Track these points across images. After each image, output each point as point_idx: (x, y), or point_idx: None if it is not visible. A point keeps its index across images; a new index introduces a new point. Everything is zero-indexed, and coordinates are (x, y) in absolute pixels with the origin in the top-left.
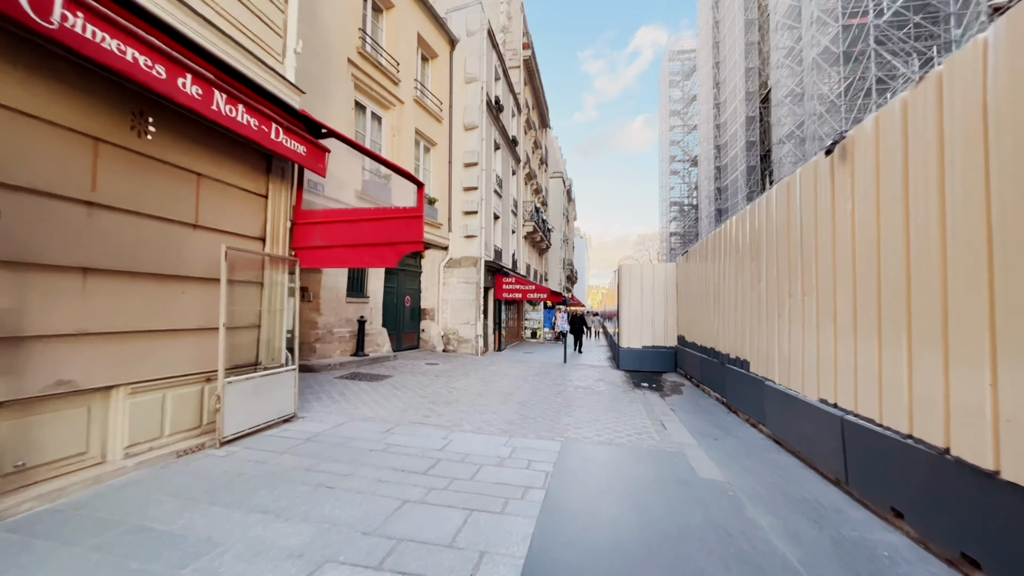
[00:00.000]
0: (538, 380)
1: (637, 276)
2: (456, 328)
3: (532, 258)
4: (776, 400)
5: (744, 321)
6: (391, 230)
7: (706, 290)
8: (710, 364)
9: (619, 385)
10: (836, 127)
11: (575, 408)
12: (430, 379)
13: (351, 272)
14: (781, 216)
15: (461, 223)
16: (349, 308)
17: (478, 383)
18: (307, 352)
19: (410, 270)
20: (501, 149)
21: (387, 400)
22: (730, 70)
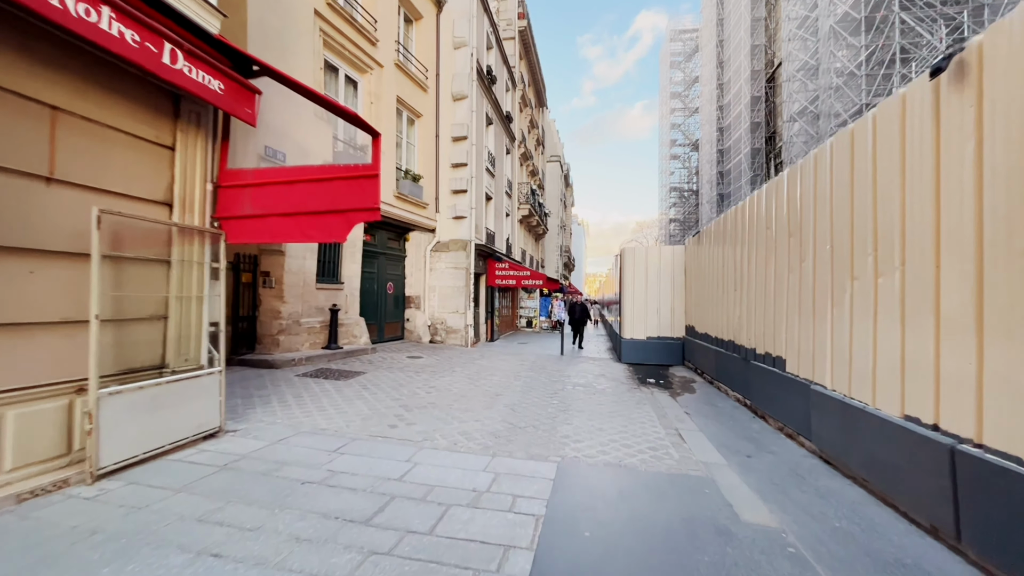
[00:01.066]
0: (532, 376)
1: (642, 260)
2: (444, 317)
3: (528, 244)
4: (829, 410)
5: (777, 311)
6: (340, 194)
7: (723, 275)
8: (728, 359)
9: (623, 382)
10: (856, 100)
11: (574, 413)
12: (408, 376)
13: (322, 254)
14: (841, 176)
15: (449, 203)
16: (320, 295)
17: (463, 381)
18: (269, 345)
19: (393, 254)
20: (494, 124)
21: (351, 404)
22: (735, 48)
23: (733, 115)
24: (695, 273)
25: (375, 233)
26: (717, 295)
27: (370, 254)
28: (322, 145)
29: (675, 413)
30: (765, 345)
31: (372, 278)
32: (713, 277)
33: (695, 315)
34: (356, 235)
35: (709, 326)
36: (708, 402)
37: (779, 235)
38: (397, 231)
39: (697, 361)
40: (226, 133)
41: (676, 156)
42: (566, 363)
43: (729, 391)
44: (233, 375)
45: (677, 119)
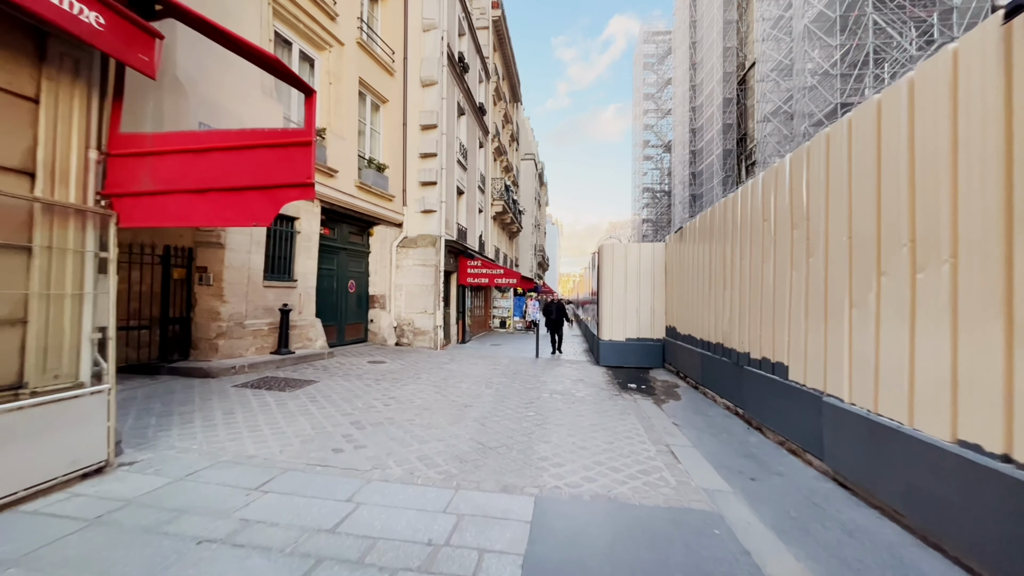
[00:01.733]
0: (505, 383)
1: (621, 258)
2: (411, 318)
3: (501, 241)
4: (847, 427)
5: (778, 312)
6: (265, 165)
7: (710, 273)
8: (717, 363)
9: (602, 387)
10: (830, 99)
11: (552, 427)
12: (366, 385)
13: (272, 248)
14: (864, 156)
15: (417, 195)
16: (268, 294)
17: (429, 389)
18: (206, 351)
19: (355, 250)
20: (466, 115)
21: (292, 421)
22: (707, 50)
23: (706, 117)
24: (677, 271)
25: (335, 226)
26: (702, 294)
27: (329, 249)
28: (269, 124)
29: (663, 424)
30: (762, 349)
31: (331, 275)
32: (697, 275)
33: (677, 315)
34: (312, 228)
35: (693, 327)
36: (696, 410)
37: (780, 228)
38: (360, 225)
39: (680, 364)
40: (119, 88)
41: (649, 157)
42: (542, 367)
43: (718, 397)
44: (156, 387)
45: (650, 120)
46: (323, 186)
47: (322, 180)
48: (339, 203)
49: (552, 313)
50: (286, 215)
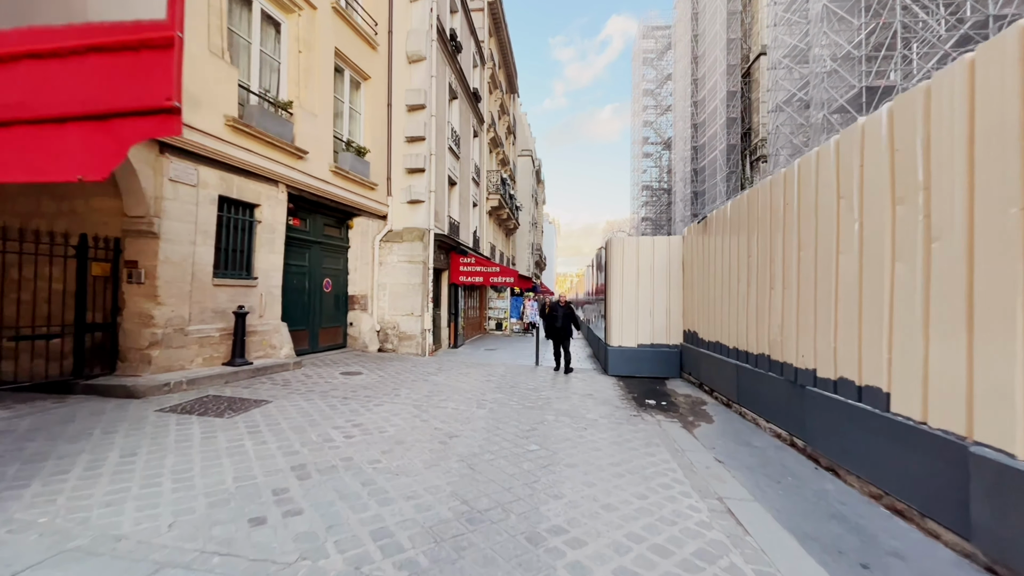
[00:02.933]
0: (501, 400)
1: (632, 253)
2: (396, 321)
3: (498, 238)
4: None
5: (869, 319)
6: (95, 78)
7: (747, 269)
8: (760, 379)
9: (616, 404)
10: (853, 83)
11: (562, 469)
12: (330, 406)
13: (224, 239)
14: None
15: (403, 184)
16: (220, 294)
17: (407, 411)
18: (137, 363)
19: (331, 244)
20: (459, 100)
21: (210, 468)
22: (710, 43)
23: (708, 111)
24: (699, 267)
25: (306, 217)
26: (736, 295)
27: (299, 242)
28: (223, 95)
29: (703, 461)
30: (839, 367)
31: (302, 273)
32: (729, 272)
33: (698, 318)
34: (276, 217)
35: (723, 333)
36: (738, 438)
37: (872, 206)
38: (336, 216)
39: (704, 375)
40: None
41: (648, 154)
42: (543, 378)
43: (761, 421)
44: (53, 414)
45: (649, 116)
46: (289, 168)
47: (288, 161)
48: (310, 189)
49: (557, 319)
50: (242, 201)
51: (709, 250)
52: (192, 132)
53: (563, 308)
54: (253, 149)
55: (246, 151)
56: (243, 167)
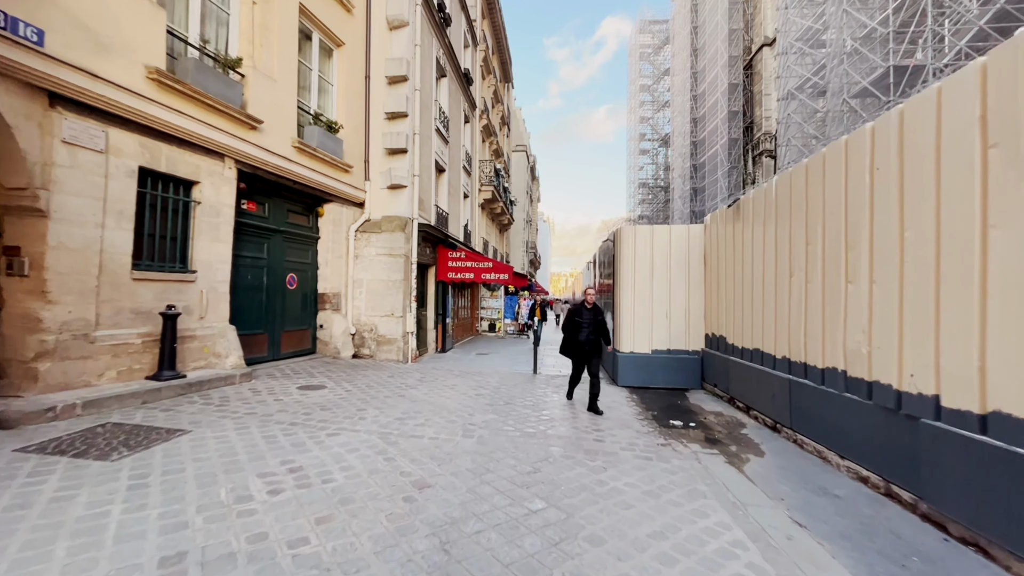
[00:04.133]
0: (493, 423)
1: (645, 244)
2: (374, 323)
3: (491, 234)
4: None
5: None
6: None
7: (806, 257)
8: (831, 401)
9: (636, 427)
10: (879, 63)
11: (582, 549)
12: (269, 436)
13: (150, 222)
14: None
15: (383, 167)
16: (143, 291)
17: (369, 445)
18: (21, 380)
19: (297, 233)
20: (448, 79)
21: (18, 570)
22: (710, 34)
23: (708, 104)
24: (725, 260)
25: (266, 201)
26: (784, 290)
27: (254, 231)
28: (143, 37)
29: (776, 524)
30: (992, 397)
31: (259, 266)
32: (772, 264)
33: (726, 320)
34: (222, 198)
35: (763, 337)
36: (808, 482)
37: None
38: (303, 201)
39: (733, 387)
40: None
41: (645, 151)
42: (543, 391)
43: (829, 453)
44: None
45: (646, 112)
46: (239, 140)
47: (237, 131)
48: (267, 167)
49: (582, 327)
50: (175, 176)
51: (742, 239)
52: (96, 82)
53: (590, 311)
54: (188, 112)
55: (177, 113)
56: (174, 133)
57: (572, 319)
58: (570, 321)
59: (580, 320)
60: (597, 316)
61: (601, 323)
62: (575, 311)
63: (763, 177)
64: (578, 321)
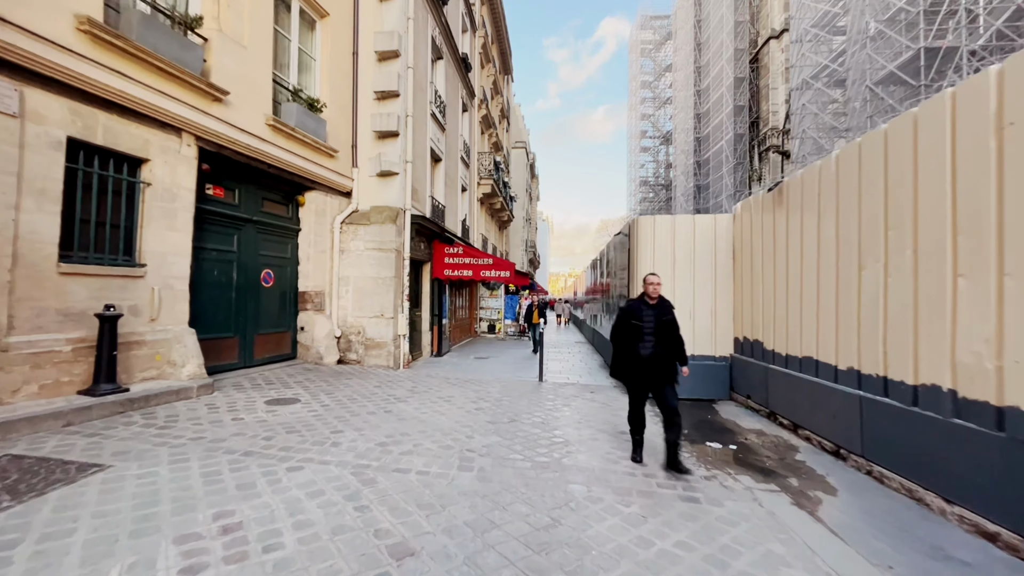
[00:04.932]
0: (496, 450)
1: (666, 236)
2: (361, 325)
3: (490, 230)
4: None
5: None
6: None
7: (885, 247)
8: (935, 429)
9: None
10: (909, 45)
11: None
12: (210, 473)
13: (78, 206)
14: None
15: (372, 152)
16: (74, 288)
17: (337, 485)
18: None
19: (273, 224)
20: (445, 62)
21: None
22: (715, 27)
23: (713, 99)
24: (762, 254)
25: (236, 187)
26: (850, 287)
27: (222, 220)
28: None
29: None
30: None
31: (228, 260)
32: (831, 255)
33: (763, 321)
34: (179, 180)
35: (818, 344)
36: (910, 537)
37: None
38: (281, 188)
39: (774, 399)
40: None
41: (646, 149)
42: (551, 403)
43: (924, 493)
44: None
45: (647, 109)
46: (200, 112)
47: (198, 102)
48: (236, 147)
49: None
50: (116, 151)
51: (785, 228)
52: (4, 28)
53: (653, 308)
54: (132, 75)
55: (118, 75)
56: (115, 99)
57: (626, 322)
58: (623, 325)
59: (639, 323)
60: (664, 315)
61: (672, 327)
62: (630, 310)
63: (770, 173)
64: (636, 325)
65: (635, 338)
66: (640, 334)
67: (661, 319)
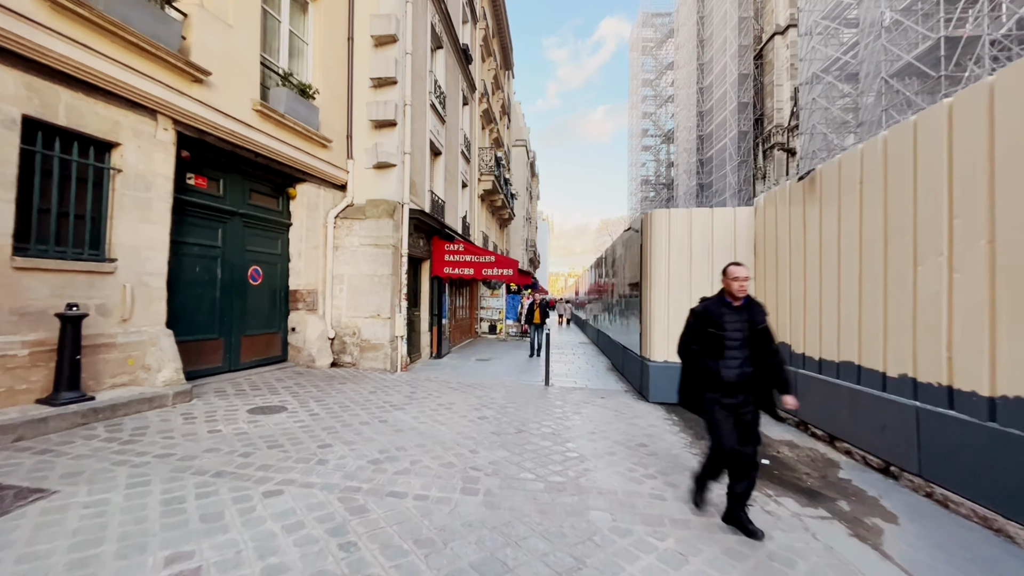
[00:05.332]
0: (503, 468)
1: (681, 231)
2: (356, 325)
3: (491, 228)
4: None
5: None
6: None
7: (958, 236)
8: (1017, 448)
9: (695, 468)
10: (928, 35)
11: None
12: (169, 500)
13: (35, 194)
14: None
15: (368, 143)
16: (32, 285)
17: (323, 514)
18: None
19: (263, 218)
20: (445, 51)
21: None
22: (719, 23)
23: (716, 97)
24: (791, 249)
25: (220, 176)
26: (901, 284)
27: (205, 212)
28: None
29: None
30: None
31: (211, 256)
32: (877, 249)
33: (788, 322)
34: (157, 168)
35: (856, 347)
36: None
37: None
38: (270, 179)
39: (804, 407)
40: None
41: (647, 147)
42: (560, 409)
43: (1014, 527)
44: None
45: (648, 108)
46: (178, 93)
47: (176, 82)
48: (220, 133)
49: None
50: (81, 133)
51: (819, 220)
52: None
53: (739, 312)
54: (97, 47)
55: (81, 47)
56: (78, 74)
57: (701, 330)
58: (697, 334)
59: (720, 332)
60: (757, 322)
61: (766, 337)
62: (706, 314)
63: (774, 171)
64: (716, 335)
65: (714, 352)
66: (721, 347)
67: (754, 327)
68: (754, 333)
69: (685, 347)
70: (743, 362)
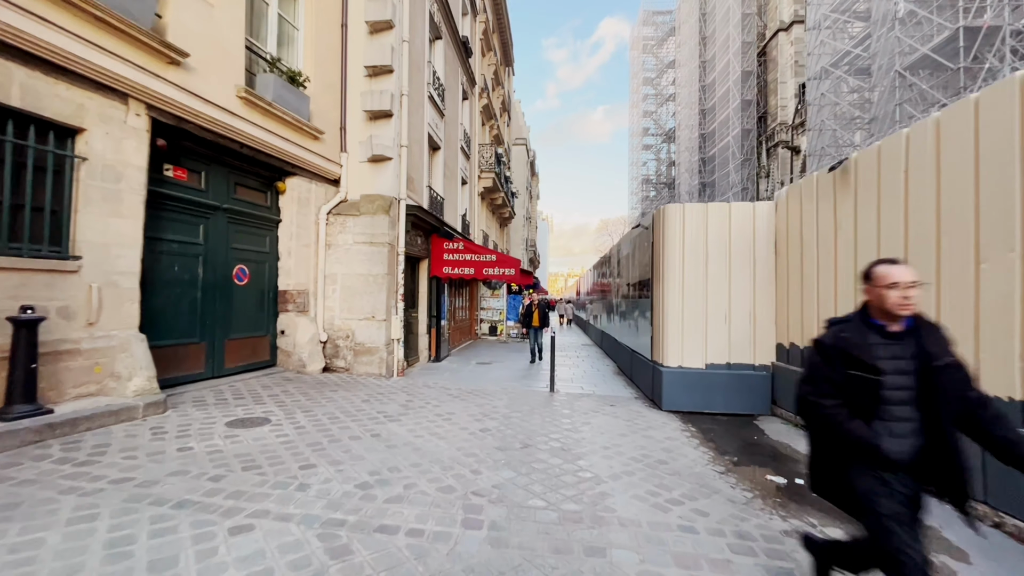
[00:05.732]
0: (508, 490)
1: (696, 226)
2: (350, 328)
3: (491, 227)
4: None
5: None
6: None
7: None
8: None
9: (722, 490)
10: (946, 25)
11: None
12: (127, 533)
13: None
14: None
15: (362, 135)
16: None
17: (297, 558)
18: None
19: (250, 213)
20: (444, 43)
21: None
22: (721, 19)
23: (719, 94)
24: (818, 247)
25: (202, 168)
26: (961, 285)
27: (185, 206)
28: None
29: None
30: None
31: (193, 254)
32: (928, 244)
33: (814, 324)
34: (128, 157)
35: None
36: None
37: None
38: (257, 172)
39: None
40: None
41: (648, 146)
42: (568, 419)
43: None
44: None
45: (649, 107)
46: (152, 76)
47: (150, 64)
48: (200, 120)
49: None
50: (40, 117)
51: (853, 214)
52: None
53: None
54: (57, 21)
55: (37, 20)
56: (35, 50)
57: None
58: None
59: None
60: (936, 356)
61: (962, 383)
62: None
63: (778, 170)
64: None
65: (864, 410)
66: (875, 400)
67: (928, 364)
68: (940, 376)
69: (812, 404)
70: (918, 425)
